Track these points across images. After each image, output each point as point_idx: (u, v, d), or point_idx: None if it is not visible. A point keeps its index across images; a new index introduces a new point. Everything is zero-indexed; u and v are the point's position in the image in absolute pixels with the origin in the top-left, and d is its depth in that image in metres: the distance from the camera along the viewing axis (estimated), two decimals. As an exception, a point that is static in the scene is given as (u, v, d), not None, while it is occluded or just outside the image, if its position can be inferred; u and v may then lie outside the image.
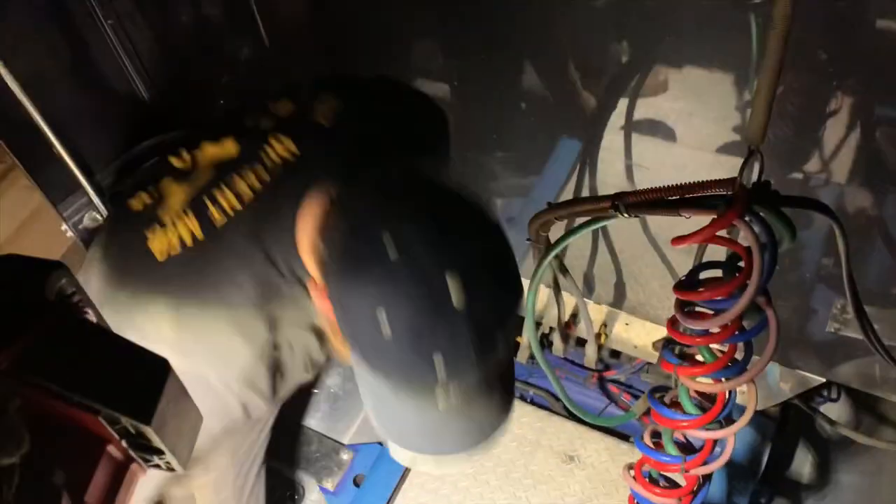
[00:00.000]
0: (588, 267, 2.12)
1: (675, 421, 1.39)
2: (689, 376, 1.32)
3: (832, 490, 2.27)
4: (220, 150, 1.27)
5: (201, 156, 1.29)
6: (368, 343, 0.92)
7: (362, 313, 0.89)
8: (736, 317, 1.16)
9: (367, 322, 0.88)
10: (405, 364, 0.90)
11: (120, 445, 0.57)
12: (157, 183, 1.29)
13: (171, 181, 1.28)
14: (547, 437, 2.45)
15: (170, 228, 1.21)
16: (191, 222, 1.20)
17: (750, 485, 2.29)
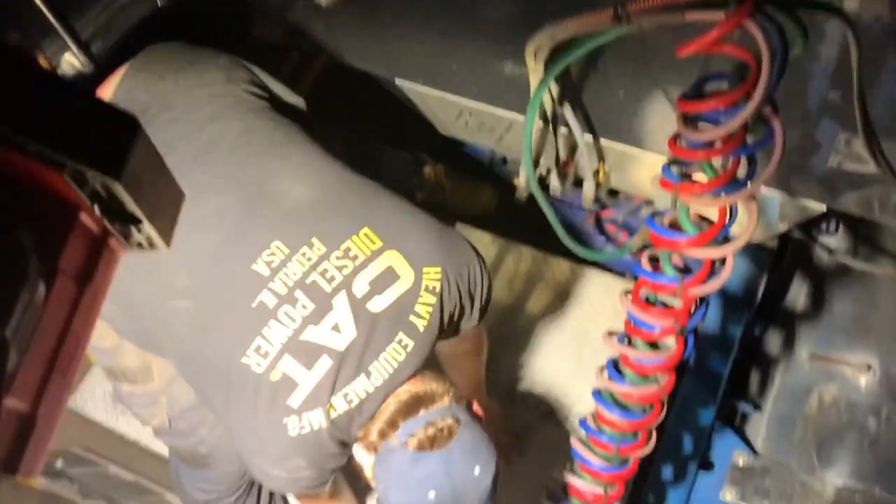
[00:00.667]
0: (587, 100, 2.04)
1: (674, 241, 1.37)
2: (689, 193, 1.29)
3: (826, 319, 2.31)
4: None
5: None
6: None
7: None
8: (741, 125, 1.12)
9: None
10: None
11: (93, 213, 0.53)
12: None
13: None
14: (544, 277, 2.47)
15: None
16: None
17: (745, 315, 2.33)
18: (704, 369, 2.27)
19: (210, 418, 1.73)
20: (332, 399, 1.38)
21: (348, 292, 1.40)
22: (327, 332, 1.38)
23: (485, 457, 1.44)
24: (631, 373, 1.57)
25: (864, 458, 2.05)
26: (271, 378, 1.37)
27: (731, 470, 2.11)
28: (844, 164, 1.81)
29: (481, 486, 1.42)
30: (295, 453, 1.42)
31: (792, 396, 2.25)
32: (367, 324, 1.39)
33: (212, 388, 1.47)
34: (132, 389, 1.71)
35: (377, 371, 1.40)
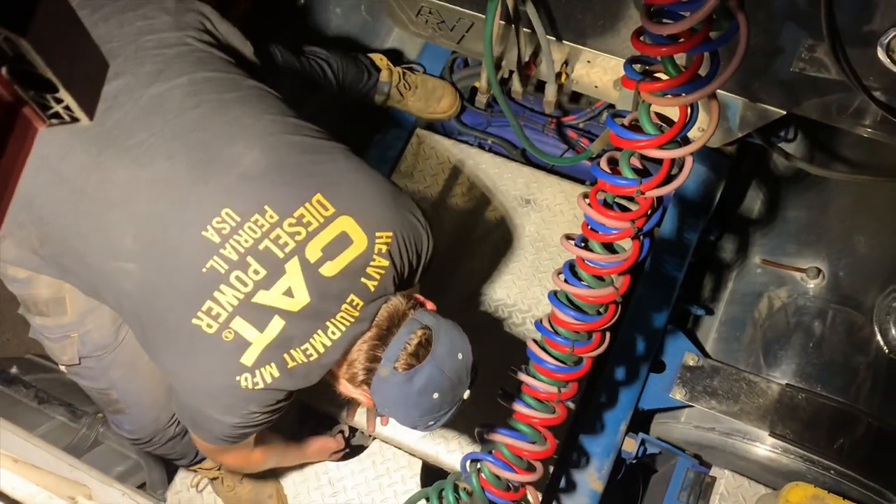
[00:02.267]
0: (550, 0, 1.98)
1: (634, 141, 1.36)
2: (651, 91, 1.26)
3: (779, 225, 2.35)
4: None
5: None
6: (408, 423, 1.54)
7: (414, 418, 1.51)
8: (705, 17, 1.09)
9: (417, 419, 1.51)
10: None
11: (1, 77, 0.48)
12: None
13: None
14: (504, 183, 2.45)
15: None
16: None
17: (700, 221, 2.36)
18: (659, 273, 2.31)
19: (123, 361, 1.72)
20: (287, 353, 1.41)
21: (301, 258, 1.40)
22: (279, 296, 1.39)
23: (460, 340, 1.51)
24: (587, 275, 1.58)
25: (808, 359, 2.13)
26: (224, 337, 1.38)
27: (680, 371, 2.18)
28: (806, 70, 1.80)
29: (468, 365, 1.50)
30: (248, 403, 1.45)
31: (742, 300, 2.31)
32: (320, 287, 1.41)
33: (159, 342, 1.46)
34: (43, 322, 1.67)
35: (333, 327, 1.43)
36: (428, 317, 1.52)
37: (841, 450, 2.01)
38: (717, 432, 2.11)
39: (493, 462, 1.68)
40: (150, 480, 2.31)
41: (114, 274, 1.43)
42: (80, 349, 1.69)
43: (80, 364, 1.71)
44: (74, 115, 0.52)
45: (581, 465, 2.18)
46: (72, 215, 1.43)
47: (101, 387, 1.77)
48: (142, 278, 1.41)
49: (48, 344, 1.71)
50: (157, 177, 1.40)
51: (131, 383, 1.77)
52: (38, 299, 1.63)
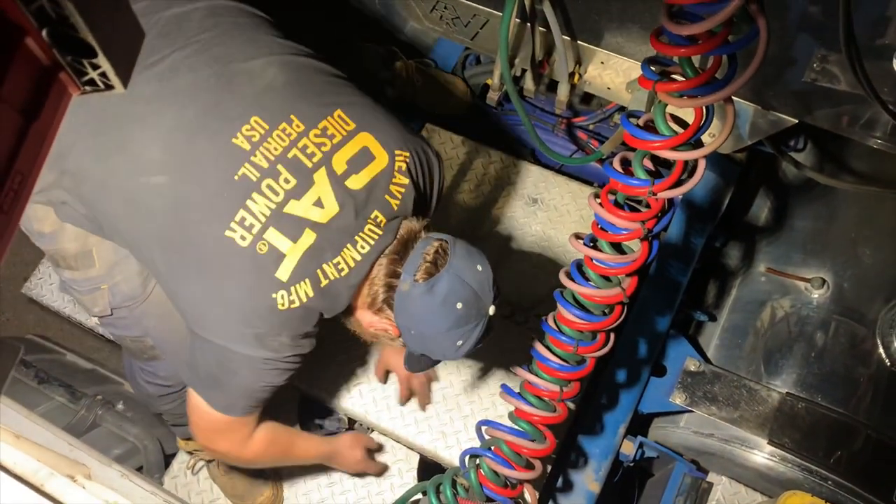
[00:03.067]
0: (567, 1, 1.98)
1: (648, 141, 1.36)
2: (667, 92, 1.26)
3: (785, 234, 2.35)
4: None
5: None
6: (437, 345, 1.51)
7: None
8: (726, 20, 1.09)
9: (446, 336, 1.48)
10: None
11: (41, 39, 0.48)
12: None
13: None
14: (512, 181, 2.45)
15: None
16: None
17: (707, 227, 2.36)
18: (664, 277, 2.31)
19: (154, 311, 1.72)
20: (320, 269, 1.41)
21: (328, 168, 1.42)
22: (309, 207, 1.40)
23: (477, 253, 1.52)
24: (594, 275, 1.58)
25: (809, 369, 2.13)
26: (258, 250, 1.37)
27: (681, 375, 2.18)
28: (819, 80, 1.80)
29: (489, 275, 1.50)
30: (282, 328, 1.44)
31: (746, 308, 2.31)
32: (347, 199, 1.42)
33: (188, 268, 1.44)
34: (72, 275, 1.67)
35: (361, 242, 1.44)
36: (442, 234, 1.53)
37: (839, 461, 2.01)
38: (715, 438, 2.11)
39: (492, 458, 1.68)
40: (147, 464, 2.32)
41: (141, 192, 1.41)
42: (111, 300, 1.69)
43: (112, 314, 1.71)
44: (109, 83, 0.52)
45: (579, 466, 2.18)
46: (91, 139, 1.42)
47: (136, 334, 1.77)
48: (172, 191, 1.40)
49: (78, 297, 1.72)
50: (181, 89, 1.41)
51: (166, 330, 1.76)
52: (65, 253, 1.63)
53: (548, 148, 2.18)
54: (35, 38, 0.48)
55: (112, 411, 2.42)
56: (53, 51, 0.49)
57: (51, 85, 0.51)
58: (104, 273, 1.66)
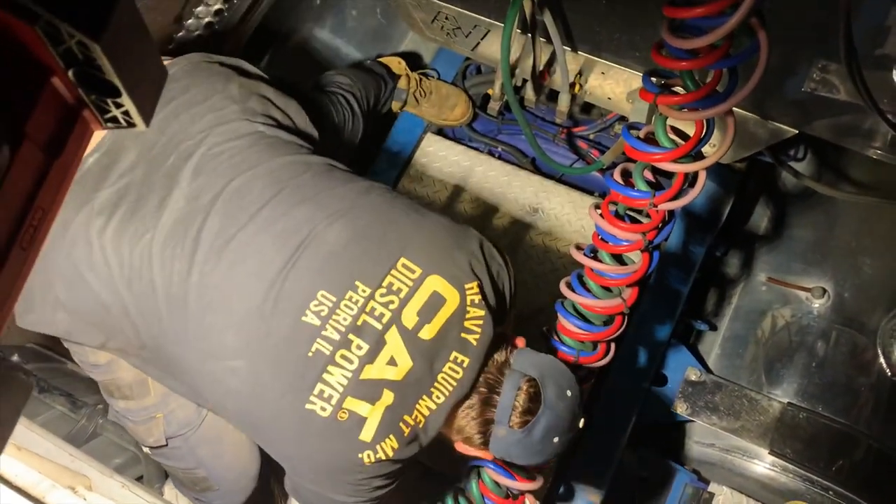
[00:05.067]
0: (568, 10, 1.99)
1: (649, 153, 1.36)
2: (668, 105, 1.27)
3: (786, 243, 2.35)
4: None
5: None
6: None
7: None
8: (727, 34, 1.09)
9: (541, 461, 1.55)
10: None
11: (66, 79, 0.49)
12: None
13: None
14: (512, 191, 2.46)
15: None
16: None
17: (708, 236, 2.36)
18: (665, 287, 2.31)
19: (208, 437, 1.72)
20: (402, 422, 1.41)
21: (398, 326, 1.40)
22: (384, 367, 1.39)
23: (563, 378, 1.49)
24: (595, 285, 1.58)
25: (810, 379, 2.13)
26: (339, 418, 1.38)
27: (683, 385, 2.18)
28: (818, 90, 1.81)
29: (578, 398, 1.49)
30: (373, 478, 1.45)
31: (747, 317, 2.31)
32: (421, 351, 1.41)
33: (273, 435, 1.46)
34: (126, 405, 1.67)
35: (438, 391, 1.43)
36: (527, 362, 1.48)
37: (840, 471, 2.01)
38: (716, 448, 2.11)
39: (494, 468, 1.68)
40: (148, 473, 2.31)
41: (218, 374, 1.42)
42: (166, 429, 1.68)
43: (167, 445, 1.70)
44: (131, 121, 0.53)
45: (580, 477, 2.17)
46: (167, 321, 1.43)
47: (189, 466, 1.76)
48: (249, 373, 1.40)
49: (132, 427, 1.71)
50: (249, 273, 1.41)
51: (218, 458, 1.77)
52: (120, 383, 1.64)
53: (548, 157, 2.19)
54: (61, 77, 0.49)
55: (113, 420, 2.42)
56: (79, 90, 0.50)
57: (74, 122, 0.52)
58: (159, 401, 1.65)
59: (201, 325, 1.41)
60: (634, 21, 1.91)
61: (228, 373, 1.41)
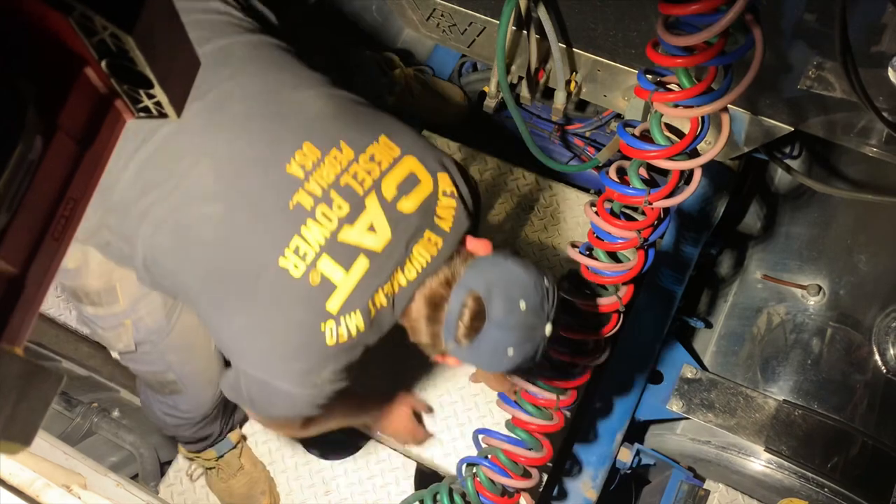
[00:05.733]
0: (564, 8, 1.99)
1: (644, 151, 1.36)
2: (663, 102, 1.27)
3: (781, 241, 2.35)
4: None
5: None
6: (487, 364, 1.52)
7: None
8: (722, 31, 1.09)
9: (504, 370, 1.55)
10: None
11: (99, 69, 0.49)
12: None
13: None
14: (508, 188, 2.46)
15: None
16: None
17: (703, 234, 2.36)
18: (660, 285, 2.31)
19: (177, 344, 1.72)
20: (371, 299, 1.39)
21: (378, 194, 1.41)
22: (363, 232, 1.39)
23: (519, 289, 1.41)
24: (591, 283, 1.58)
25: (806, 376, 2.13)
26: (311, 281, 1.35)
27: (678, 383, 2.18)
28: (814, 88, 1.81)
29: (536, 306, 1.40)
30: (326, 363, 1.42)
31: (742, 315, 2.31)
32: (400, 223, 1.41)
33: (236, 299, 1.42)
34: (95, 311, 1.66)
35: (412, 266, 1.42)
36: (478, 276, 1.43)
37: (835, 468, 2.01)
38: (712, 445, 2.11)
39: (490, 467, 1.68)
40: (143, 472, 2.31)
41: (192, 221, 1.40)
42: (135, 335, 1.68)
43: (136, 350, 1.71)
44: (163, 111, 0.53)
45: (576, 474, 2.18)
46: (138, 173, 1.40)
47: (158, 369, 1.77)
48: (226, 219, 1.39)
49: (101, 333, 1.70)
50: (232, 119, 1.41)
51: (188, 364, 1.77)
52: (88, 289, 1.62)
53: (544, 155, 2.18)
54: (94, 68, 0.49)
55: (107, 419, 2.42)
56: (111, 80, 0.50)
57: (106, 112, 0.52)
58: (128, 308, 1.64)
59: (179, 169, 1.39)
60: (630, 18, 1.91)
61: (202, 220, 1.39)
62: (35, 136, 0.47)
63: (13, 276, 0.50)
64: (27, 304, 0.51)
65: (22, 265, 0.50)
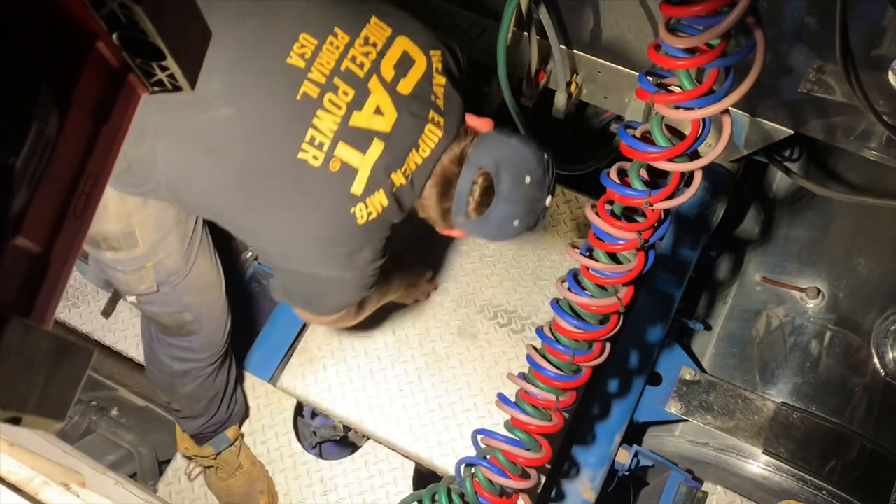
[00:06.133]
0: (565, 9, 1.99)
1: (645, 152, 1.36)
2: (664, 104, 1.27)
3: (781, 244, 2.35)
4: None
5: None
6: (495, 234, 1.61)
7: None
8: (724, 32, 1.09)
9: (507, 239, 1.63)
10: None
11: (111, 43, 0.49)
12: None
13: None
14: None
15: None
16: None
17: (703, 237, 2.37)
18: (659, 287, 2.31)
19: (194, 286, 1.78)
20: (390, 178, 1.45)
21: (378, 76, 1.44)
22: (372, 116, 1.43)
23: (524, 164, 1.52)
24: (591, 284, 1.58)
25: (804, 379, 2.13)
26: (331, 169, 1.41)
27: (677, 385, 2.18)
28: (814, 91, 1.81)
29: (539, 179, 1.53)
30: (364, 243, 1.49)
31: (741, 317, 2.31)
32: (403, 104, 1.46)
33: (263, 202, 1.46)
34: (115, 256, 1.68)
35: (423, 145, 1.48)
36: (484, 153, 1.52)
37: (833, 471, 2.01)
38: (710, 448, 2.11)
39: (488, 467, 1.68)
40: (142, 470, 2.31)
41: (209, 129, 1.43)
42: (156, 276, 1.72)
43: (158, 291, 1.74)
44: (177, 84, 0.53)
45: (574, 475, 2.18)
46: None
47: (176, 310, 1.81)
48: (240, 122, 1.42)
49: (122, 277, 1.73)
50: (228, 18, 1.42)
51: (204, 304, 1.84)
52: (107, 235, 1.64)
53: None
54: (106, 41, 0.49)
55: (106, 417, 2.42)
56: (123, 54, 0.50)
57: (120, 87, 0.52)
58: (148, 251, 1.68)
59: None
60: (630, 21, 1.92)
61: (219, 126, 1.41)
62: (51, 111, 0.47)
63: (37, 255, 0.50)
64: (53, 282, 0.52)
65: (45, 243, 0.50)
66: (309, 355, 2.26)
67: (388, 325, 2.28)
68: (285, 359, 2.28)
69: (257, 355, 2.30)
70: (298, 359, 2.26)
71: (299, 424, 2.28)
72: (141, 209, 1.62)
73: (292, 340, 2.29)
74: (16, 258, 0.47)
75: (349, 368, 2.23)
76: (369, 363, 2.23)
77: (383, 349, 2.25)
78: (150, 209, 1.63)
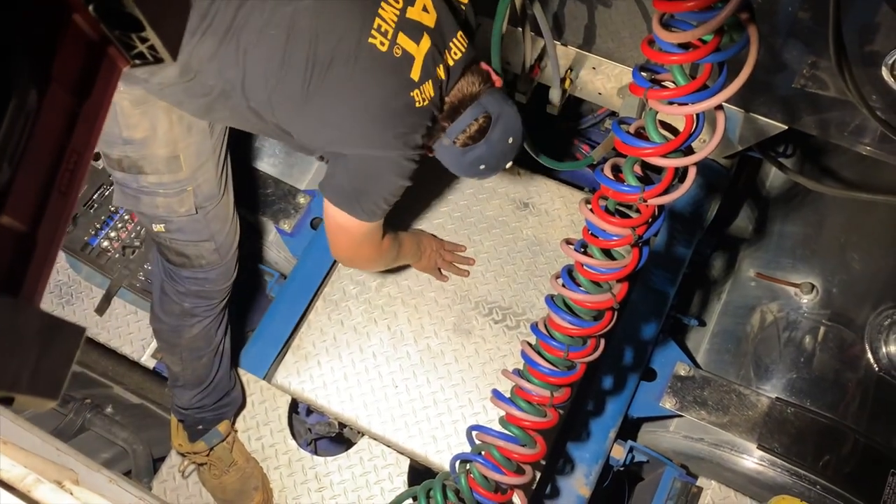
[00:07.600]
0: (559, 6, 1.99)
1: (640, 149, 1.36)
2: (659, 99, 1.27)
3: (775, 239, 2.36)
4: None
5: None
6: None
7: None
8: (718, 27, 1.09)
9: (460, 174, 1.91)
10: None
11: (88, 15, 0.48)
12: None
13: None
14: (503, 186, 2.46)
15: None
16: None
17: (697, 233, 2.37)
18: (654, 283, 2.31)
19: (221, 214, 1.92)
20: (436, 70, 1.64)
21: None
22: (420, 12, 1.63)
23: (514, 127, 1.76)
24: (585, 280, 1.58)
25: (798, 374, 2.14)
26: (395, 54, 1.58)
27: (671, 380, 2.18)
28: (808, 86, 1.82)
29: (516, 146, 1.79)
30: (416, 126, 1.66)
31: (735, 313, 2.31)
32: (441, 6, 1.67)
33: (331, 85, 1.58)
34: (159, 179, 1.78)
35: (454, 48, 1.69)
36: (493, 102, 1.74)
37: (827, 465, 2.02)
38: (705, 443, 2.12)
39: (483, 463, 1.68)
40: (136, 468, 2.30)
41: (292, 18, 1.54)
42: (195, 200, 1.84)
43: (196, 213, 1.86)
44: (158, 55, 0.52)
45: (569, 471, 2.18)
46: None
47: (202, 238, 1.92)
48: (320, 8, 1.54)
49: (163, 200, 1.82)
50: None
51: (226, 234, 1.97)
52: (154, 159, 1.75)
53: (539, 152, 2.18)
54: (82, 13, 0.48)
55: (101, 415, 2.41)
56: (101, 26, 0.49)
57: (100, 61, 0.51)
58: (189, 176, 1.80)
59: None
60: (624, 16, 1.92)
61: (298, 14, 1.53)
62: (28, 87, 0.47)
63: (23, 233, 0.49)
64: (41, 261, 0.51)
65: (31, 221, 0.50)
66: (304, 352, 2.25)
67: (382, 321, 2.28)
68: (280, 356, 2.28)
69: (252, 352, 2.30)
70: (293, 356, 2.26)
71: (294, 421, 2.28)
72: (186, 136, 1.76)
73: (287, 337, 2.29)
74: (1, 237, 0.46)
75: (344, 365, 2.23)
76: (364, 360, 2.23)
77: (378, 346, 2.25)
78: (193, 136, 1.77)
